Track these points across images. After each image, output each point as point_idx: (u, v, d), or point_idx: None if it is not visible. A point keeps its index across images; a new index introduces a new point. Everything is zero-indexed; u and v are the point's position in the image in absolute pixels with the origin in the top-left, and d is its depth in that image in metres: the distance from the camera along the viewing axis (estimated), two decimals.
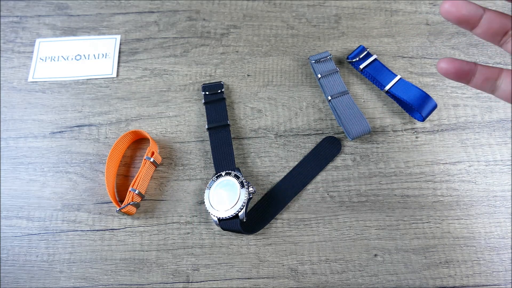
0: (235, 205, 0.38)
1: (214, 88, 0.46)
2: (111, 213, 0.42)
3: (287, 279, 0.39)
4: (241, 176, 0.39)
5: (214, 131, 0.44)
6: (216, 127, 0.44)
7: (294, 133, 0.45)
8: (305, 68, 0.49)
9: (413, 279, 0.38)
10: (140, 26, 0.51)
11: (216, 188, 0.40)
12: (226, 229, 0.39)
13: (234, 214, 0.38)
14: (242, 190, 0.39)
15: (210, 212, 0.39)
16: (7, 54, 0.50)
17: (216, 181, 0.40)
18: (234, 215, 0.38)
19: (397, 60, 0.49)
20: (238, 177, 0.39)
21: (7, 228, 0.41)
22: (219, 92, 0.46)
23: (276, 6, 0.53)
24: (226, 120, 0.44)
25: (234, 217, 0.38)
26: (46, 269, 0.39)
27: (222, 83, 0.47)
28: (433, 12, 0.52)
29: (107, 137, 0.45)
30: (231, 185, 0.39)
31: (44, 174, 0.43)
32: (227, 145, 0.43)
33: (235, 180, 0.39)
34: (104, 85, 0.48)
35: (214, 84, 0.47)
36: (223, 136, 0.43)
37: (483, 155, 0.43)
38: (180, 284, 0.38)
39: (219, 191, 0.39)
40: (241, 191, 0.39)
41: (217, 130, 0.44)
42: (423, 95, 0.43)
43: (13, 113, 0.47)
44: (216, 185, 0.40)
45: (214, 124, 0.44)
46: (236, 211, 0.38)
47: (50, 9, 0.53)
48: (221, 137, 0.43)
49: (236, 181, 0.39)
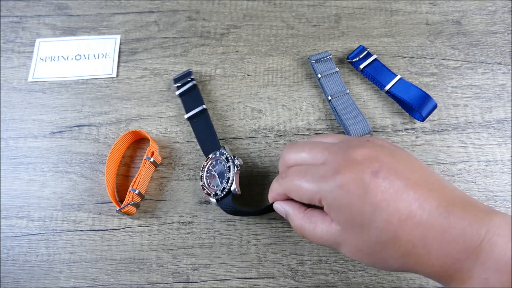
0: (226, 181, 0.39)
1: (184, 77, 0.47)
2: (111, 213, 0.42)
3: (287, 279, 0.39)
4: (225, 152, 0.40)
5: (193, 119, 0.44)
6: (194, 115, 0.44)
7: (294, 133, 0.45)
8: (305, 68, 0.49)
9: (413, 279, 0.38)
10: (140, 26, 0.51)
11: (208, 170, 0.41)
12: (227, 210, 0.39)
13: (227, 190, 0.38)
14: (228, 165, 0.39)
15: (209, 196, 0.39)
16: (7, 54, 0.50)
17: (206, 165, 0.41)
18: (227, 190, 0.38)
19: (397, 60, 0.49)
20: (223, 154, 0.40)
21: (7, 228, 0.41)
22: (190, 80, 0.46)
23: (276, 6, 0.53)
24: (202, 104, 0.44)
25: (227, 193, 0.39)
26: (46, 269, 0.39)
27: (191, 70, 0.47)
28: (433, 12, 0.52)
29: (107, 137, 0.45)
30: (219, 163, 0.40)
31: (44, 174, 0.43)
32: (208, 128, 0.43)
33: (221, 157, 0.40)
34: (104, 85, 0.48)
35: (183, 74, 0.47)
36: (203, 121, 0.44)
37: (483, 155, 0.43)
38: (180, 284, 0.38)
39: (211, 172, 0.40)
40: (228, 166, 0.39)
41: (197, 118, 0.44)
42: (423, 95, 0.43)
43: (13, 113, 0.47)
44: (207, 168, 0.41)
45: (192, 111, 0.44)
46: (228, 186, 0.38)
47: (50, 9, 0.53)
48: (201, 123, 0.44)
49: (222, 158, 0.40)
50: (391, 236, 0.26)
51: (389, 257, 0.27)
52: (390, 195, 0.26)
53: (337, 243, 0.30)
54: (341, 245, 0.30)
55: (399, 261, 0.27)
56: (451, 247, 0.25)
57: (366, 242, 0.28)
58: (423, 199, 0.26)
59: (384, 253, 0.27)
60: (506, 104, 0.46)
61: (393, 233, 0.26)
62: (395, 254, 0.27)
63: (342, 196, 0.28)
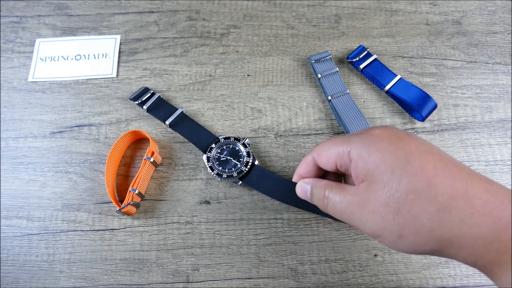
0: (245, 157, 0.41)
1: (143, 94, 0.46)
2: (111, 213, 0.42)
3: (287, 279, 0.38)
4: (231, 136, 0.42)
5: (175, 125, 0.44)
6: (175, 121, 0.44)
7: (294, 133, 0.45)
8: (305, 68, 0.49)
9: (413, 279, 0.38)
10: (140, 26, 0.51)
11: (216, 158, 0.42)
12: (252, 185, 0.40)
13: (251, 164, 0.41)
14: (239, 144, 0.41)
15: (227, 176, 0.40)
16: (7, 54, 0.50)
17: (210, 155, 0.42)
18: (251, 164, 0.41)
19: (397, 60, 0.49)
20: (228, 138, 0.42)
21: (7, 228, 0.41)
22: (151, 94, 0.46)
23: (276, 6, 0.53)
24: (176, 109, 0.45)
25: (251, 166, 0.41)
26: (46, 269, 0.39)
27: (147, 87, 0.47)
28: (433, 12, 0.52)
29: (107, 137, 0.45)
30: (227, 147, 0.42)
31: (44, 174, 0.43)
32: (196, 127, 0.44)
33: (228, 140, 0.42)
34: (104, 85, 0.48)
35: (140, 91, 0.46)
36: (187, 124, 0.44)
37: (483, 155, 0.43)
38: (180, 284, 0.38)
39: (221, 158, 0.42)
40: (239, 146, 0.41)
41: (178, 123, 0.44)
42: (423, 95, 0.43)
43: (13, 113, 0.47)
44: (214, 157, 0.42)
45: (171, 119, 0.44)
46: (251, 160, 0.41)
47: (50, 9, 0.53)
48: (186, 125, 0.44)
49: (231, 140, 0.42)
50: (425, 183, 0.23)
51: (422, 212, 0.23)
52: (423, 149, 0.25)
53: (363, 202, 0.26)
54: (366, 204, 0.25)
55: (434, 219, 0.23)
56: (501, 208, 0.22)
57: (395, 192, 0.24)
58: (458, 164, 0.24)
59: (417, 207, 0.23)
60: (506, 104, 0.46)
61: (428, 180, 0.23)
62: (430, 207, 0.23)
63: (374, 141, 0.26)
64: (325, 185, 0.29)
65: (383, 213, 0.24)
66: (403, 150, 0.24)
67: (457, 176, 0.23)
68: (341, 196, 0.28)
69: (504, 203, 0.22)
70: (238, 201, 0.42)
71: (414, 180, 0.23)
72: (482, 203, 0.22)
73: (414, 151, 0.24)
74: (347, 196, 0.27)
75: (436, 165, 0.24)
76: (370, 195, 0.25)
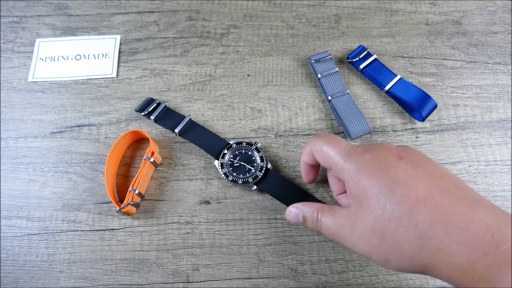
0: (258, 162, 0.41)
1: (148, 105, 0.45)
2: (111, 213, 0.41)
3: (287, 279, 0.38)
4: (243, 141, 0.42)
5: (185, 133, 0.44)
6: (184, 129, 0.44)
7: (294, 133, 0.45)
8: (305, 68, 0.49)
9: (413, 279, 0.38)
10: (140, 26, 0.51)
11: (229, 164, 0.42)
12: (267, 190, 0.41)
13: (265, 169, 0.41)
14: (251, 149, 0.42)
15: (243, 183, 0.40)
16: (7, 54, 0.50)
17: (223, 161, 0.41)
18: (265, 169, 0.41)
19: (397, 60, 0.49)
20: (240, 143, 0.42)
21: (7, 228, 0.41)
22: (157, 104, 0.45)
23: (276, 6, 0.53)
24: (184, 117, 0.44)
25: (266, 171, 0.41)
26: (46, 269, 0.39)
27: (151, 98, 0.46)
28: (433, 12, 0.52)
29: (107, 137, 0.45)
30: (240, 153, 0.42)
31: (44, 174, 0.43)
32: (205, 133, 0.44)
33: (241, 146, 0.42)
34: (104, 85, 0.48)
35: (146, 102, 0.46)
36: (196, 130, 0.44)
37: (483, 155, 0.43)
38: (180, 284, 0.38)
39: (235, 164, 0.42)
40: (251, 151, 0.42)
41: (188, 130, 0.44)
42: (423, 95, 0.43)
43: (13, 113, 0.47)
44: (227, 163, 0.41)
45: (180, 127, 0.44)
46: (265, 165, 0.41)
47: (50, 9, 0.53)
48: (195, 132, 0.44)
49: (243, 145, 0.42)
50: (407, 211, 0.25)
51: (404, 239, 0.25)
52: (410, 175, 0.26)
53: (353, 225, 0.28)
54: (355, 228, 0.27)
55: (415, 246, 0.24)
56: (478, 238, 0.23)
57: (380, 218, 0.26)
58: (446, 188, 0.25)
59: (399, 234, 0.25)
60: (506, 104, 0.46)
61: (409, 209, 0.24)
62: (411, 234, 0.24)
63: (364, 167, 0.27)
64: (317, 209, 0.32)
65: (369, 238, 0.26)
66: (389, 178, 0.26)
67: (439, 204, 0.24)
68: (333, 219, 0.30)
69: (482, 232, 0.23)
70: (238, 201, 0.42)
71: (396, 208, 0.25)
72: (460, 232, 0.23)
73: (400, 178, 0.26)
74: (338, 219, 0.29)
75: (419, 193, 0.25)
76: (358, 220, 0.27)
